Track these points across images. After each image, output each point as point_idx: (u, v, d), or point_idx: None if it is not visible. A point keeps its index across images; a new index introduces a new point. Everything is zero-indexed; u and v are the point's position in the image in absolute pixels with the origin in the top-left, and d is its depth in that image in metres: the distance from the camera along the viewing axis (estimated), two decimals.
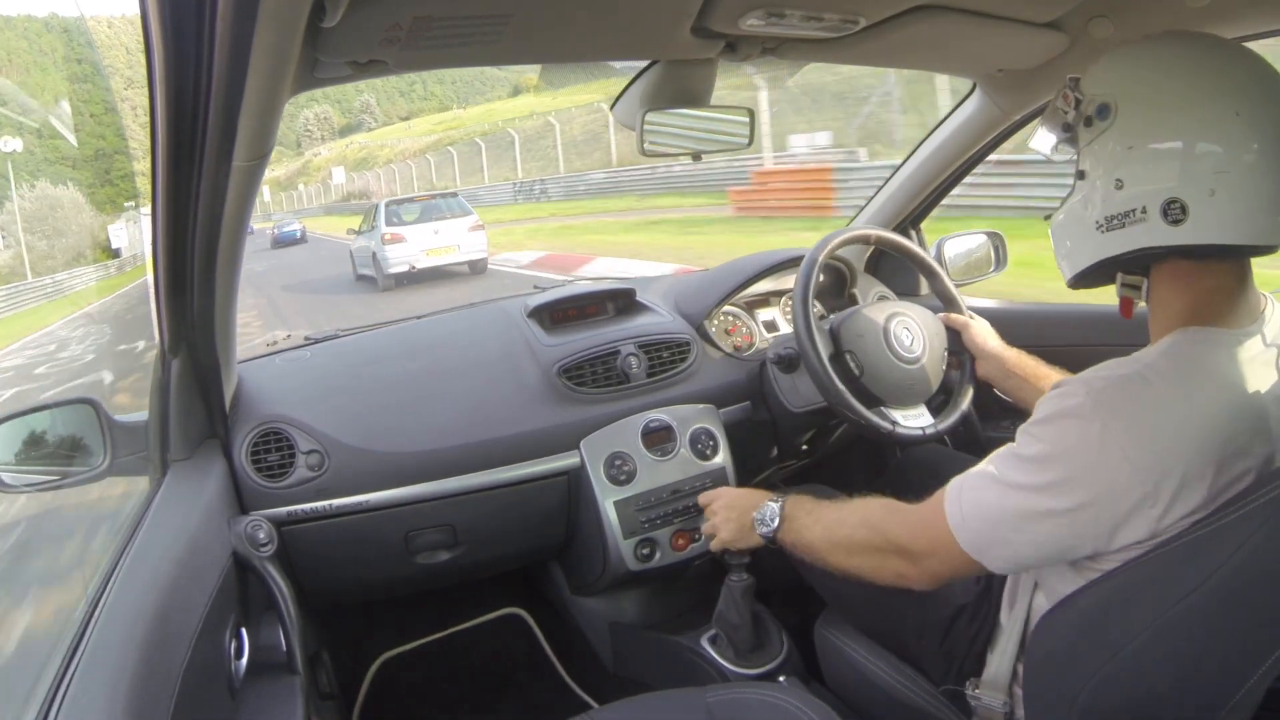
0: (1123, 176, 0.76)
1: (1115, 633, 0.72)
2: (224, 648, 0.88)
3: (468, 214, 10.27)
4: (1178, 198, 0.72)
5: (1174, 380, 0.72)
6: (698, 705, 0.93)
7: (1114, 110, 0.76)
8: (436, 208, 10.39)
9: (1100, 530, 0.72)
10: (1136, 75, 0.77)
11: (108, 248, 18.83)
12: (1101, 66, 0.81)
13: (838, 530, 0.95)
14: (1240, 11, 1.00)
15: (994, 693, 0.89)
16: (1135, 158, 0.75)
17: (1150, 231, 0.74)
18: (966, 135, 1.46)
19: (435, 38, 0.78)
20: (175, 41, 0.58)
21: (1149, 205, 0.74)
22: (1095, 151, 0.79)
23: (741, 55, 1.02)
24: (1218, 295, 0.76)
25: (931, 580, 0.86)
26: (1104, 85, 0.78)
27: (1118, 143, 0.76)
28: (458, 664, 1.62)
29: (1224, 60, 0.75)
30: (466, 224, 10.11)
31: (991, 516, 0.78)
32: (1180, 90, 0.74)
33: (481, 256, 10.15)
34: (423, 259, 9.79)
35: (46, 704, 0.63)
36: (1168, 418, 0.71)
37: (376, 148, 45.86)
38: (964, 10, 0.96)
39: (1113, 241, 0.78)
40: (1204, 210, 0.72)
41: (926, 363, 1.26)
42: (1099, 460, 0.71)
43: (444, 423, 1.27)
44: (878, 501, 0.93)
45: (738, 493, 1.18)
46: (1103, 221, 0.78)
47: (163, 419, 1.06)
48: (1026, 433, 0.78)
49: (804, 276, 1.21)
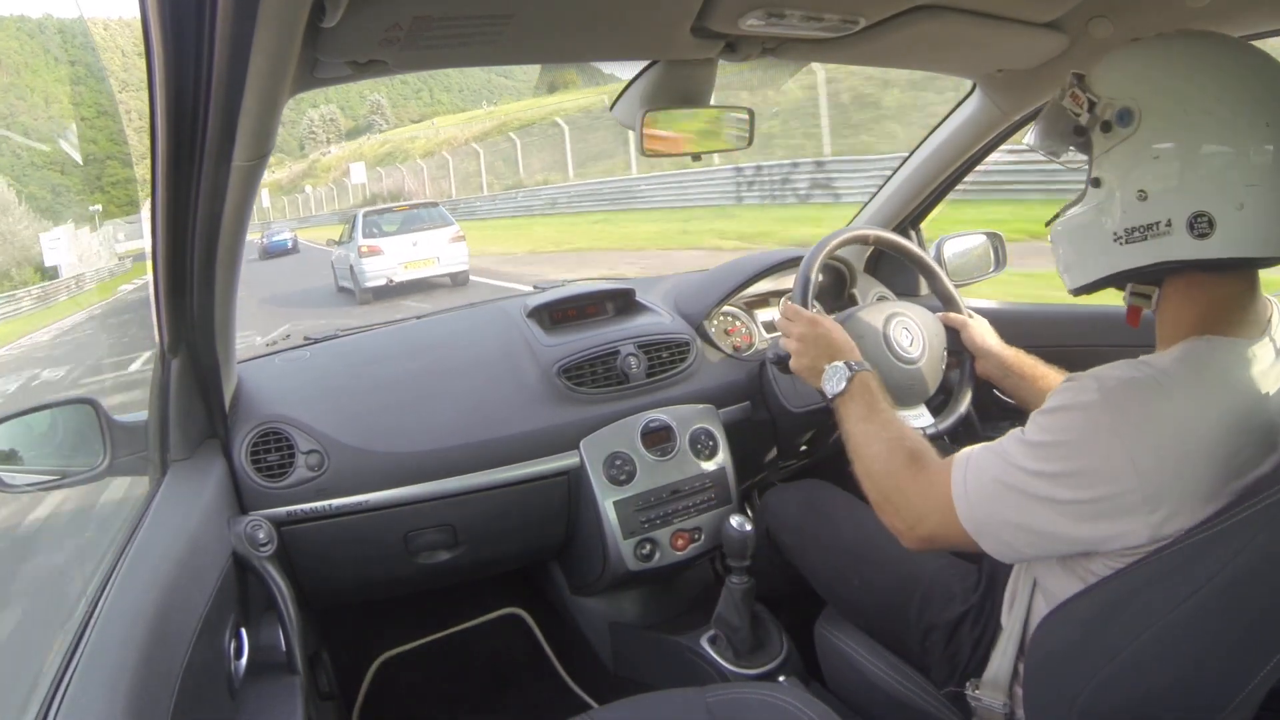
0: (1147, 187, 0.73)
1: (1115, 634, 0.72)
2: (224, 648, 0.88)
3: (448, 224, 10.03)
4: (1205, 211, 0.70)
5: (1189, 389, 0.71)
6: (697, 705, 0.93)
7: (1137, 116, 0.73)
8: (417, 218, 10.13)
9: (1097, 528, 0.72)
10: (1162, 80, 0.74)
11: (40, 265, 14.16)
12: (1115, 67, 0.77)
13: (868, 445, 0.94)
14: (1239, 11, 1.00)
15: (994, 693, 0.89)
16: (1161, 168, 0.72)
17: (1174, 245, 0.72)
18: (966, 135, 1.46)
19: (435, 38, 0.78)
20: (175, 41, 0.58)
21: (1174, 218, 0.71)
22: (1115, 159, 0.75)
23: (741, 55, 1.02)
24: (1229, 304, 0.75)
25: (919, 542, 0.86)
26: (1122, 88, 0.75)
27: (1142, 151, 0.73)
28: (457, 664, 1.62)
29: (1251, 67, 0.73)
30: (447, 235, 9.86)
31: (992, 493, 0.77)
32: (1210, 99, 0.71)
33: (462, 269, 9.89)
34: (401, 272, 9.52)
35: (46, 703, 0.63)
36: (1178, 426, 0.70)
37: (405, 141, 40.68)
38: (963, 10, 0.96)
39: (1132, 254, 0.75)
40: (1232, 224, 0.70)
41: (926, 363, 1.26)
42: (1104, 458, 0.70)
43: (444, 423, 1.27)
44: (909, 444, 0.91)
45: (822, 332, 1.09)
46: (1122, 233, 0.75)
47: (162, 419, 1.06)
48: (1036, 421, 0.77)
49: (803, 277, 1.21)
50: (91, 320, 10.96)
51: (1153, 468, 0.69)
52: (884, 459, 0.91)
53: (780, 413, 1.41)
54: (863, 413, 0.98)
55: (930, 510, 0.83)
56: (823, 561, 1.17)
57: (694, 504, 1.34)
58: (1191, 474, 0.69)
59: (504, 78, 33.51)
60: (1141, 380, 0.72)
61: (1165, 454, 0.69)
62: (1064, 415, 0.74)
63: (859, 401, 1.00)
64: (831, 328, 1.10)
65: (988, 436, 1.53)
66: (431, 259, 9.65)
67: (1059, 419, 0.74)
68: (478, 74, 35.54)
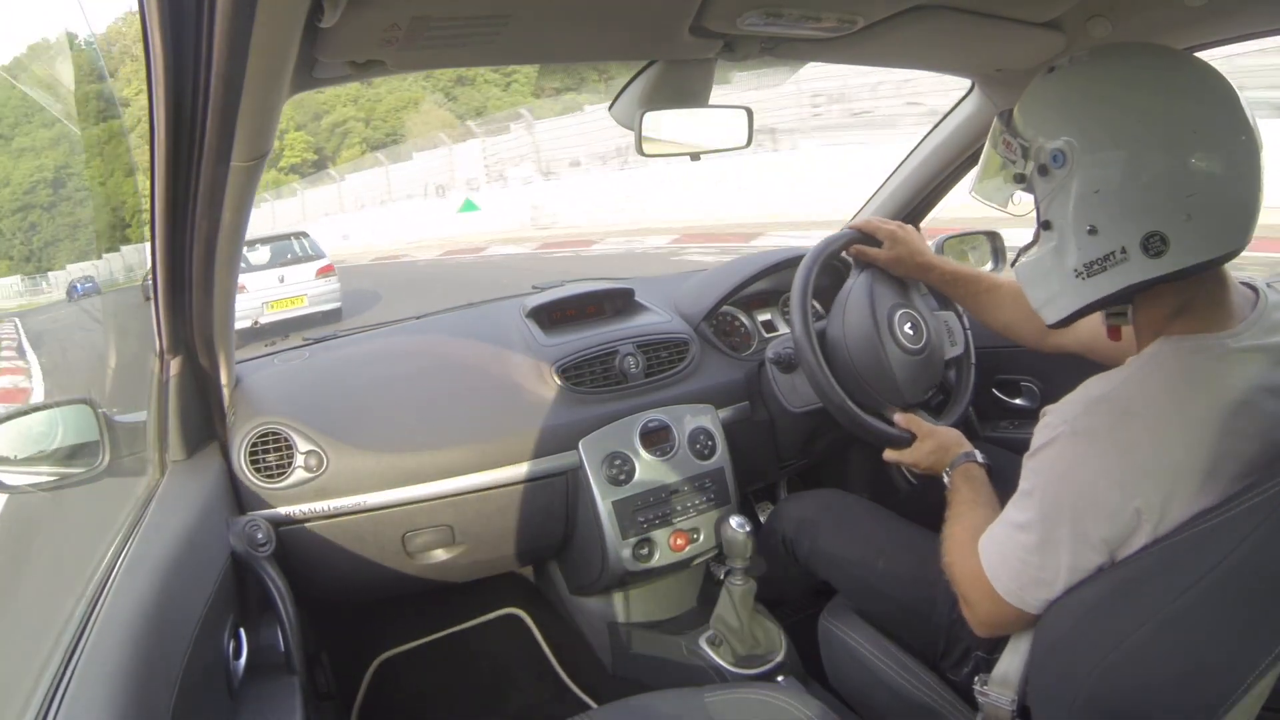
0: (1095, 223, 0.74)
1: (1119, 624, 0.72)
2: (223, 648, 0.88)
3: (319, 257, 8.72)
4: (1157, 230, 0.71)
5: (1155, 394, 0.73)
6: (696, 705, 0.93)
7: (1069, 156, 0.74)
8: (289, 249, 8.74)
9: (1106, 550, 0.74)
10: (1083, 112, 0.75)
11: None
12: (1036, 106, 0.78)
13: (948, 539, 0.95)
14: (1238, 11, 1.00)
15: (1003, 689, 0.89)
16: (1104, 202, 0.73)
17: (1133, 269, 0.73)
18: (965, 135, 1.46)
19: (434, 38, 0.78)
20: (174, 41, 0.59)
21: (1128, 245, 0.73)
22: (1059, 201, 0.76)
23: (740, 55, 1.02)
24: (1198, 301, 0.76)
25: (984, 628, 0.87)
26: (1047, 128, 0.76)
27: (1082, 189, 0.74)
28: (456, 664, 1.62)
29: (1167, 75, 0.74)
30: (315, 268, 8.53)
31: (1014, 559, 0.80)
32: (1134, 121, 0.72)
33: (335, 305, 8.56)
34: (265, 313, 8.05)
35: (45, 703, 0.63)
36: (1150, 433, 0.71)
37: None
38: (962, 10, 0.96)
39: (1096, 286, 0.76)
40: (1183, 236, 0.71)
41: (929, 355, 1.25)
42: (1087, 489, 0.73)
43: (442, 423, 1.27)
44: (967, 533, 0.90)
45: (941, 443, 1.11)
46: (1082, 269, 0.76)
47: (161, 419, 1.06)
48: (1025, 466, 0.80)
49: (802, 277, 1.20)
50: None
51: (1133, 478, 0.71)
52: (954, 550, 0.92)
53: (779, 413, 1.41)
54: (954, 505, 1.00)
55: (978, 596, 0.85)
56: (842, 563, 1.17)
57: (693, 504, 1.34)
58: (1174, 472, 0.70)
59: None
60: (1107, 396, 0.74)
61: (1143, 462, 0.71)
62: (1040, 457, 0.77)
63: (958, 496, 1.01)
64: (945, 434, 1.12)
65: (987, 437, 1.53)
66: (301, 296, 8.34)
67: (1037, 462, 0.78)
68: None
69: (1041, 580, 0.78)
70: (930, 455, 1.11)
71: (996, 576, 0.81)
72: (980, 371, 1.34)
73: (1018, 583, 0.79)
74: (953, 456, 1.07)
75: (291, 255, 8.66)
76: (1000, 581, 0.81)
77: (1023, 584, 0.79)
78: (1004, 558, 0.81)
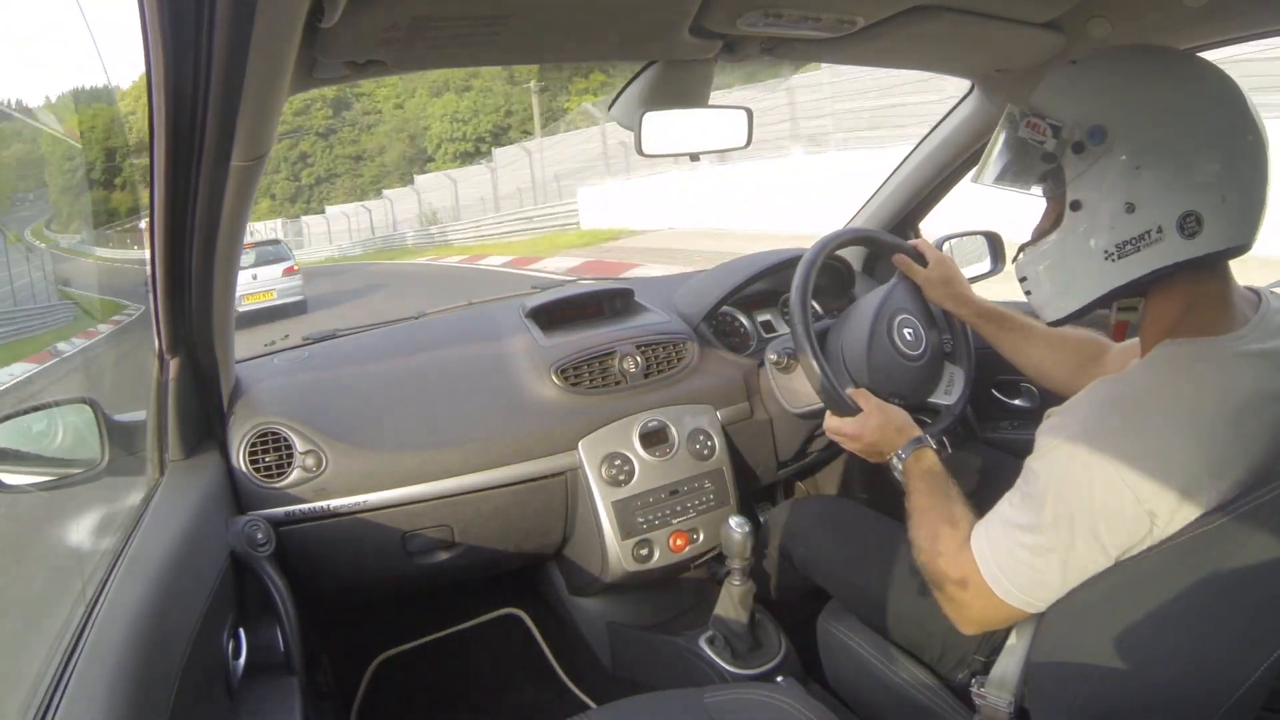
0: (1134, 199, 0.73)
1: (1118, 625, 0.72)
2: (222, 648, 0.88)
3: (285, 259, 10.86)
4: (1194, 210, 0.71)
5: (1165, 397, 0.72)
6: (695, 706, 0.93)
7: (1109, 132, 0.74)
8: (264, 253, 10.75)
9: (1115, 553, 0.73)
10: (1124, 92, 0.75)
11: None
12: (1068, 89, 0.78)
13: (926, 536, 0.91)
14: (1238, 11, 1.00)
15: (1000, 691, 0.89)
16: (1145, 178, 0.73)
17: (1166, 250, 0.73)
18: (965, 135, 1.46)
19: (433, 38, 0.79)
20: (174, 41, 0.59)
21: (1164, 223, 0.72)
22: (1092, 178, 0.76)
23: (739, 55, 1.03)
24: (1205, 302, 0.76)
25: (973, 626, 0.85)
26: (1085, 107, 0.76)
27: (1122, 165, 0.74)
28: (456, 664, 1.62)
29: (1192, 66, 0.76)
30: (280, 269, 10.65)
31: (1018, 561, 0.78)
32: (1174, 102, 0.73)
33: (300, 298, 10.72)
34: (242, 304, 9.79)
35: (45, 703, 0.63)
36: (1162, 436, 0.71)
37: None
38: (962, 10, 0.96)
39: (1125, 268, 0.76)
40: (1218, 218, 0.71)
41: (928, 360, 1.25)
42: (1101, 493, 0.72)
43: (442, 423, 1.27)
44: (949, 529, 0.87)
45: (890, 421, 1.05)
46: (1113, 249, 0.75)
47: (160, 419, 1.06)
48: (1029, 467, 0.78)
49: (801, 277, 1.20)
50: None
51: (1141, 481, 0.70)
52: (926, 540, 0.89)
53: (779, 413, 1.41)
54: (912, 495, 0.96)
55: (969, 595, 0.82)
56: (838, 571, 1.16)
57: (692, 504, 1.34)
58: (1181, 475, 0.70)
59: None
60: (1116, 398, 0.74)
61: (1151, 464, 0.70)
62: (1048, 459, 0.76)
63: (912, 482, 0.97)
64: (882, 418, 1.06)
65: (986, 437, 1.53)
66: (270, 290, 10.44)
67: (1044, 463, 0.76)
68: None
69: (1045, 582, 0.77)
70: (876, 431, 1.04)
71: (996, 578, 0.80)
72: (980, 372, 1.34)
73: (1018, 584, 0.79)
74: (905, 439, 1.01)
75: (265, 258, 10.64)
76: (1000, 583, 0.80)
77: (1024, 585, 0.78)
78: (1005, 559, 0.80)
